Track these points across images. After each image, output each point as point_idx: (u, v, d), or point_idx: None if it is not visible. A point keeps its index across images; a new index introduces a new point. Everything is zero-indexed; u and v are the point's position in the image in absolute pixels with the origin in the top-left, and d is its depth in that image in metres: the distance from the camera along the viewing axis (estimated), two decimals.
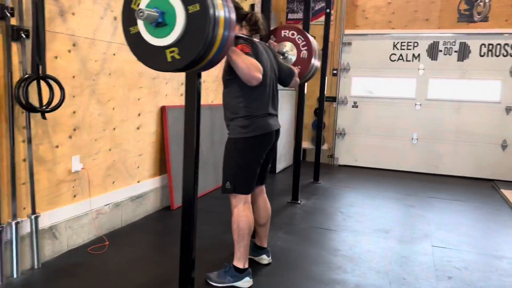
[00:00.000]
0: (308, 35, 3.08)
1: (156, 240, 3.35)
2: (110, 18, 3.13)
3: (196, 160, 2.12)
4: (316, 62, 3.17)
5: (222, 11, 1.70)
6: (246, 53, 2.26)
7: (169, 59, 1.73)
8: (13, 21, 2.33)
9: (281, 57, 3.10)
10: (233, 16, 1.79)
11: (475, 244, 3.48)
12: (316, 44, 3.22)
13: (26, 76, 2.40)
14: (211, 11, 1.64)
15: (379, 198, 4.86)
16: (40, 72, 2.45)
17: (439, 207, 4.56)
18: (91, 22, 2.95)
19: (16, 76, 2.40)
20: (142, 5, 1.71)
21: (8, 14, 2.26)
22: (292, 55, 3.08)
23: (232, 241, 2.58)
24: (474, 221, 4.15)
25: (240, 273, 2.52)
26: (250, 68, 2.20)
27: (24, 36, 2.38)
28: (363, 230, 3.70)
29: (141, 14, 1.63)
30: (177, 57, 1.71)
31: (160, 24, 1.69)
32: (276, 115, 2.66)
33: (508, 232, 3.84)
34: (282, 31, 3.14)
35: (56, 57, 2.67)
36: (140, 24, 1.74)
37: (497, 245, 3.53)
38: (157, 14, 1.67)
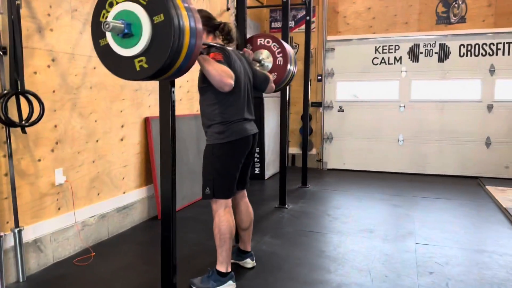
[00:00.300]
0: (283, 42, 3.16)
1: (143, 250, 3.37)
2: (89, 33, 3.15)
3: (173, 161, 2.18)
4: (292, 68, 3.24)
5: (187, 20, 1.77)
6: (218, 61, 2.33)
7: (137, 68, 1.80)
8: None
9: (258, 64, 3.17)
10: (199, 25, 1.85)
11: (457, 240, 3.54)
12: (291, 50, 3.30)
13: (5, 92, 2.45)
14: (176, 21, 1.71)
15: (365, 199, 4.92)
16: (19, 87, 2.50)
17: (425, 205, 4.63)
18: (70, 37, 3.02)
19: None
20: (109, 18, 1.77)
21: None
22: (269, 62, 3.16)
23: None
24: (458, 217, 4.21)
25: (223, 277, 2.56)
26: (222, 75, 2.27)
27: (1, 53, 2.43)
28: (348, 231, 3.75)
29: (107, 26, 1.70)
30: (145, 66, 1.78)
31: (127, 35, 1.76)
32: (253, 120, 2.72)
33: (491, 227, 3.91)
34: (258, 39, 3.22)
35: (35, 73, 2.72)
36: (108, 36, 1.81)
37: (479, 239, 3.59)
38: (122, 25, 1.73)
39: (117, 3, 1.80)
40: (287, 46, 3.18)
